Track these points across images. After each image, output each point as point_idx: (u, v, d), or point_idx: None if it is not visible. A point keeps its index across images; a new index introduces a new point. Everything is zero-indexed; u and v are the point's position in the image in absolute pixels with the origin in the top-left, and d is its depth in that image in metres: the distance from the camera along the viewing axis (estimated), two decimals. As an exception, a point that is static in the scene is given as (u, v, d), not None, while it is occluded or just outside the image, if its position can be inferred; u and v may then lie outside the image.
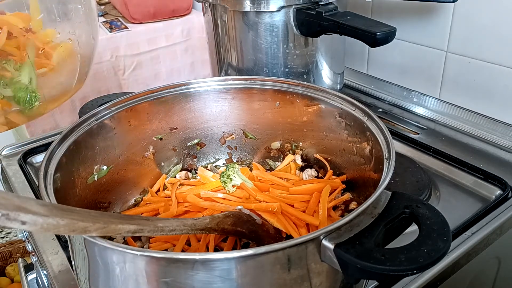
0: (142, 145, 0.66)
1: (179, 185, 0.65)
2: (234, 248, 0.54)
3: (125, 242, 0.56)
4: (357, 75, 1.08)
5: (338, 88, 0.95)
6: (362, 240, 0.38)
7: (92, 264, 0.43)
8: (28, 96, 0.56)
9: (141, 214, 0.60)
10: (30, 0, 0.60)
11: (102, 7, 1.62)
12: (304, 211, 0.56)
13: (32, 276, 0.72)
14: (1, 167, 0.85)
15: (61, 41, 0.59)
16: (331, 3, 0.79)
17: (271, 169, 0.70)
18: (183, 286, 0.39)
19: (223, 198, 0.59)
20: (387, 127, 0.52)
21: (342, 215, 0.59)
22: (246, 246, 0.54)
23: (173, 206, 0.59)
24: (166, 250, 0.54)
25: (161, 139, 0.68)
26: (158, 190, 0.67)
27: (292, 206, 0.56)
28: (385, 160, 0.48)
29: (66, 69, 0.61)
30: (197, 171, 0.70)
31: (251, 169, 0.69)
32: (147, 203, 0.63)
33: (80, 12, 0.60)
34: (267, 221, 0.54)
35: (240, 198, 0.59)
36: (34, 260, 0.73)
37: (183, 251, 0.53)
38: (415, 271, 0.36)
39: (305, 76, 0.87)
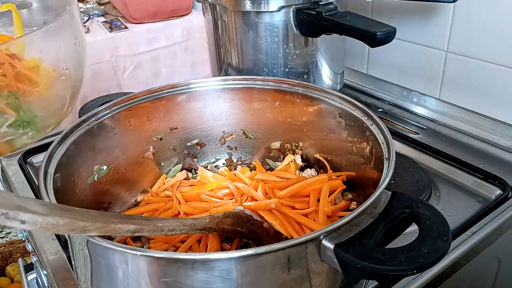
0: (142, 145, 0.66)
1: (179, 186, 0.65)
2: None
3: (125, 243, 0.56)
4: (357, 75, 1.08)
5: (338, 88, 0.95)
6: (362, 240, 0.38)
7: (92, 264, 0.43)
8: (31, 120, 0.54)
9: (141, 214, 0.60)
10: (14, 22, 0.59)
11: (102, 7, 1.62)
12: (305, 213, 0.56)
13: (32, 276, 0.72)
14: (1, 167, 0.85)
15: (50, 69, 0.57)
16: (331, 3, 0.79)
17: (271, 169, 0.70)
18: (183, 286, 0.39)
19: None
20: (387, 127, 0.52)
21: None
22: (246, 246, 0.54)
23: (174, 206, 0.59)
24: (166, 250, 0.54)
25: (161, 139, 0.68)
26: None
27: (293, 207, 0.57)
28: (385, 160, 0.48)
29: (54, 97, 0.59)
30: (197, 171, 0.70)
31: (251, 169, 0.69)
32: (147, 203, 0.63)
33: (69, 42, 0.58)
34: (267, 221, 0.54)
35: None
36: (34, 260, 0.73)
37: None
38: (415, 271, 0.36)
39: (305, 76, 0.87)
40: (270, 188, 0.60)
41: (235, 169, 0.69)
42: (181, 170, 0.70)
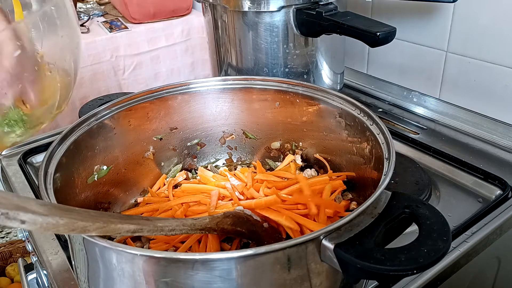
0: (142, 145, 0.66)
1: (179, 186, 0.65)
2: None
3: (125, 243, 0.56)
4: (357, 75, 1.08)
5: (338, 88, 0.95)
6: (362, 240, 0.38)
7: (92, 264, 0.43)
8: (18, 118, 0.53)
9: (141, 214, 0.60)
10: (14, 7, 0.58)
11: (102, 7, 1.62)
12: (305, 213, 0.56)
13: (32, 276, 0.72)
14: (1, 167, 0.85)
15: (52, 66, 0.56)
16: (331, 3, 0.79)
17: (271, 169, 0.70)
18: (183, 286, 0.39)
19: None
20: (387, 127, 0.52)
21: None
22: (246, 246, 0.54)
23: (172, 202, 0.59)
24: (166, 250, 0.54)
25: (161, 139, 0.68)
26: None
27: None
28: (385, 160, 0.48)
29: (45, 95, 0.58)
30: (197, 171, 0.70)
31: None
32: (147, 203, 0.63)
33: (65, 36, 0.57)
34: (271, 220, 0.53)
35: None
36: (34, 260, 0.73)
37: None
38: (415, 271, 0.36)
39: (305, 76, 0.86)
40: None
41: (235, 169, 0.69)
42: (181, 170, 0.70)
